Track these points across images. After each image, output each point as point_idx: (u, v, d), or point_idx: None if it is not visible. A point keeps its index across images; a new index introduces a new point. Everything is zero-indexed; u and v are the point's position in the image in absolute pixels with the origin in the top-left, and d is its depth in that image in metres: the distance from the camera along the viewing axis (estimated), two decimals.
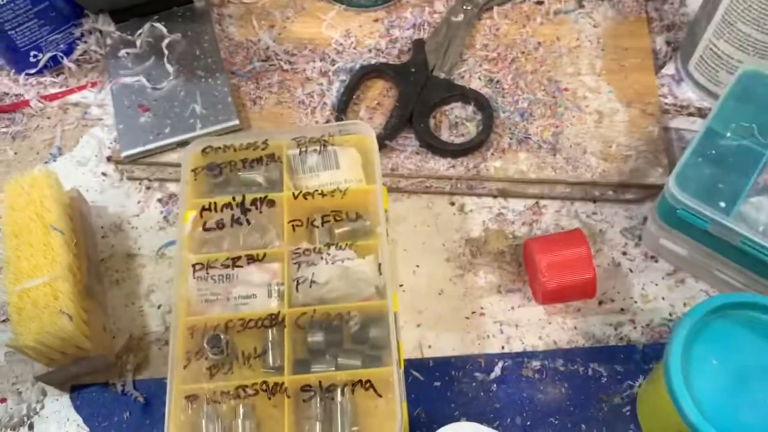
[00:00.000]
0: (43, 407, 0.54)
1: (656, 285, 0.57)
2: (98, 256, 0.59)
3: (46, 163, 0.64)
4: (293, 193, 0.51)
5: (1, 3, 0.61)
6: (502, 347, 0.55)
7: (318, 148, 0.53)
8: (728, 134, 0.51)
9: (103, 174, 0.63)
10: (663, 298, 0.56)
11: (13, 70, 0.67)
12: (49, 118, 0.66)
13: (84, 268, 0.55)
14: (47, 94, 0.67)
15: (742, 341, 0.44)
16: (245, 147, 0.53)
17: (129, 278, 0.58)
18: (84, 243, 0.56)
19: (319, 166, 0.53)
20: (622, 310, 0.56)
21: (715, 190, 0.50)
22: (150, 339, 0.56)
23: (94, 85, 0.67)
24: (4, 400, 0.54)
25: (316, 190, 0.51)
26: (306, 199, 0.51)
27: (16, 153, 0.65)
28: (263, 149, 0.53)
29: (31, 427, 0.53)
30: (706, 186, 0.50)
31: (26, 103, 0.66)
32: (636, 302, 0.56)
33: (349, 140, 0.53)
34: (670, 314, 0.56)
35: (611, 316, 0.56)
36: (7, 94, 0.67)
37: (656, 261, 0.58)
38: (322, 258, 0.49)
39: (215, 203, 0.51)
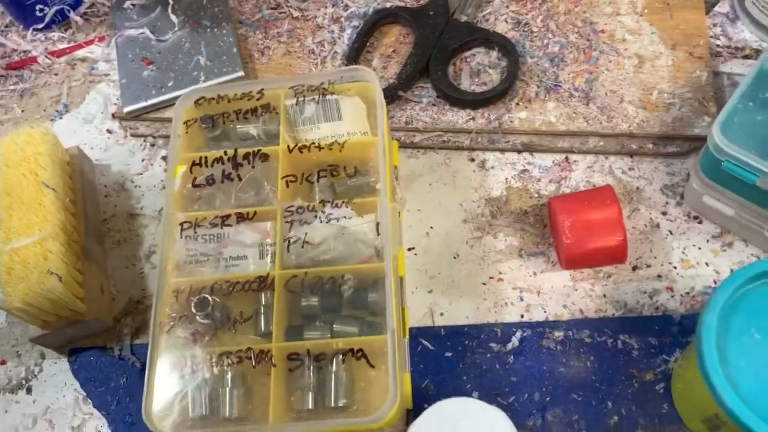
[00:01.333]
0: (41, 370, 0.52)
1: (699, 249, 0.50)
2: (100, 216, 0.57)
3: (52, 120, 0.62)
4: (288, 147, 0.47)
5: None
6: (522, 316, 0.50)
7: (316, 97, 0.48)
8: None
9: (108, 131, 0.60)
10: (707, 264, 0.50)
11: (22, 26, 0.65)
12: (56, 74, 0.64)
13: (82, 228, 0.53)
14: (55, 50, 0.65)
15: None
16: (239, 97, 0.49)
17: (130, 239, 0.56)
18: (83, 202, 0.54)
19: (319, 117, 0.49)
20: (659, 276, 0.50)
21: (767, 139, 0.43)
22: (149, 302, 0.53)
23: (101, 39, 0.65)
24: (4, 362, 0.53)
25: (313, 143, 0.47)
26: (302, 152, 0.47)
27: (23, 110, 0.63)
28: (258, 99, 0.49)
29: (29, 390, 0.51)
30: (757, 134, 0.44)
31: (34, 59, 0.64)
32: (675, 268, 0.50)
33: (352, 89, 0.49)
34: (715, 281, 0.49)
35: (646, 283, 0.50)
36: (16, 50, 0.65)
37: (700, 222, 0.51)
38: (316, 216, 0.45)
39: (206, 158, 0.47)
